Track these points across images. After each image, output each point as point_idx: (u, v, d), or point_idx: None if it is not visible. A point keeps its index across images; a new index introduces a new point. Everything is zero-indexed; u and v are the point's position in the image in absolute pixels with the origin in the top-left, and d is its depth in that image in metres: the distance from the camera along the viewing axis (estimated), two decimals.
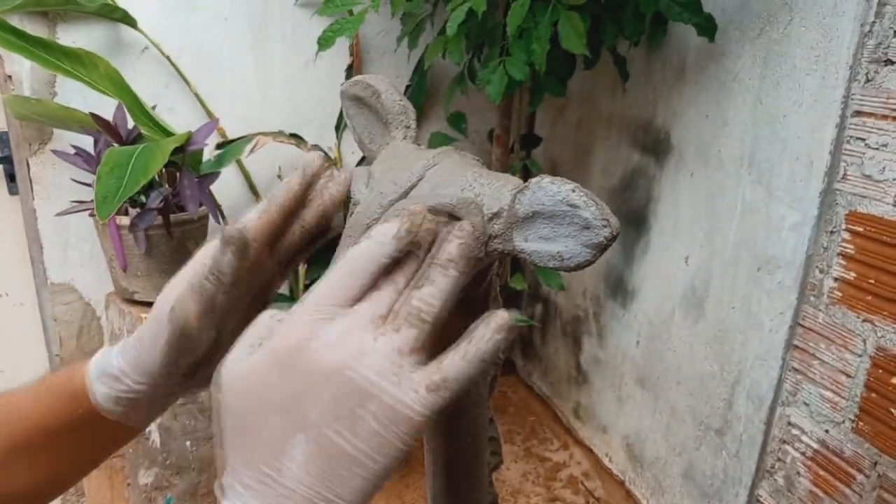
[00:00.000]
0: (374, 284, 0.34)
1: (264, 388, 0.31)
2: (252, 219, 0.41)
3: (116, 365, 0.42)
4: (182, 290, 0.40)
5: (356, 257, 0.34)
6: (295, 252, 0.45)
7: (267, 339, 0.32)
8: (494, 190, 0.40)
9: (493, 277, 0.51)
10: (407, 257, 0.35)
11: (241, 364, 0.32)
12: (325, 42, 1.52)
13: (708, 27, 1.26)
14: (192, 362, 0.42)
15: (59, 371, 0.45)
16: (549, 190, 0.37)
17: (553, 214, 0.37)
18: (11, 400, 0.44)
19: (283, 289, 1.87)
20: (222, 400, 0.32)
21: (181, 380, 0.43)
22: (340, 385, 0.30)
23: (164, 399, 0.45)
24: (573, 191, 0.36)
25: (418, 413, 0.31)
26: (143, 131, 1.40)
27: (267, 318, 0.34)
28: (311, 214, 0.44)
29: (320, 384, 0.31)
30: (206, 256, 0.41)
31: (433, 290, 0.34)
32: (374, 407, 0.30)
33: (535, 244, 0.39)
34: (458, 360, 0.32)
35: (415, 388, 0.31)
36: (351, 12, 1.53)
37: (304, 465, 0.30)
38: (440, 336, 0.50)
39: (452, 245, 0.35)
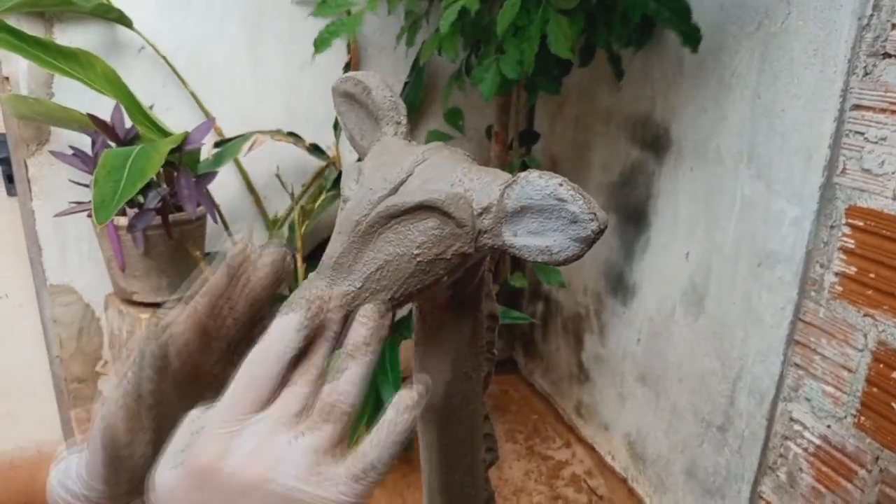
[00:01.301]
0: (283, 381, 0.33)
1: None
2: (178, 322, 0.39)
3: (75, 476, 0.41)
4: (112, 406, 0.37)
5: (260, 359, 0.33)
6: (236, 342, 0.41)
7: (186, 452, 0.31)
8: (483, 185, 0.40)
9: (486, 273, 0.50)
10: (315, 341, 0.34)
11: (166, 477, 0.31)
12: (321, 44, 1.52)
13: (693, 37, 1.26)
14: (134, 477, 0.38)
15: (25, 461, 0.44)
16: (537, 184, 0.37)
17: (541, 209, 0.37)
18: None
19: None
20: None
21: (127, 494, 0.40)
22: (263, 498, 0.30)
23: None
24: (560, 185, 0.36)
25: None
26: (140, 131, 1.39)
27: (187, 424, 0.32)
28: (241, 305, 0.41)
29: (242, 501, 0.30)
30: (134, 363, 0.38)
31: (347, 380, 0.33)
32: None
33: (523, 239, 0.38)
34: (375, 446, 0.32)
35: (338, 483, 0.30)
36: (349, 12, 1.52)
37: None
38: (436, 312, 0.49)
39: (362, 329, 0.35)
